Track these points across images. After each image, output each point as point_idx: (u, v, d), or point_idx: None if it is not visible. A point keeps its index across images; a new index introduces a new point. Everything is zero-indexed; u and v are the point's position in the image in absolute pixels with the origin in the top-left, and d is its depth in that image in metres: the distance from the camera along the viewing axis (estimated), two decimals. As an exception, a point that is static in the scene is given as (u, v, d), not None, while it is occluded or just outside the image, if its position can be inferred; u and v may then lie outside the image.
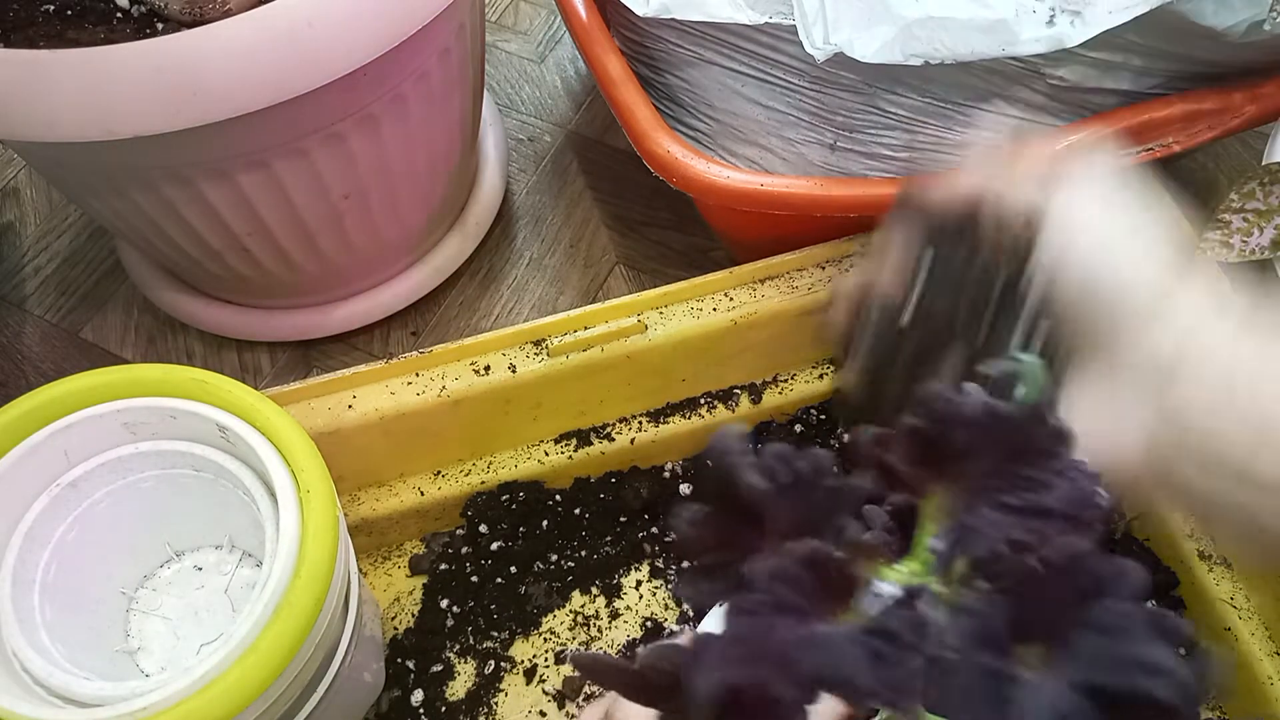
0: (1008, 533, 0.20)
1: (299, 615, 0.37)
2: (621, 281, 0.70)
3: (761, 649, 0.19)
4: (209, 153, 0.48)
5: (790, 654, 0.19)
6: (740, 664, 0.19)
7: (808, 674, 0.18)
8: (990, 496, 0.20)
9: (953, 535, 0.21)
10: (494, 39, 0.82)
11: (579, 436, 0.57)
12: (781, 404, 0.59)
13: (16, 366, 0.67)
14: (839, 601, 0.20)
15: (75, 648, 0.42)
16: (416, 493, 0.56)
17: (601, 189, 0.74)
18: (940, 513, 0.21)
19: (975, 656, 0.19)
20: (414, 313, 0.68)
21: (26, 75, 0.41)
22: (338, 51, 0.44)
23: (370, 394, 0.51)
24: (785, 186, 0.54)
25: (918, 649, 0.18)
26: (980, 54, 0.49)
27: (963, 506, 0.21)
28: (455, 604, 0.56)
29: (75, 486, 0.43)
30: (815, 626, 0.19)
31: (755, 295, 0.55)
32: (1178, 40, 0.51)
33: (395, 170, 0.56)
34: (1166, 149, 0.54)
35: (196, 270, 0.60)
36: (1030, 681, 0.18)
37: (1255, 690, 0.51)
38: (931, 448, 0.21)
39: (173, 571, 0.48)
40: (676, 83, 0.60)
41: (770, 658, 0.19)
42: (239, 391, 0.42)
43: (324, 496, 0.40)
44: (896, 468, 0.22)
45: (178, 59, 0.42)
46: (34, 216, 0.74)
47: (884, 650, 0.18)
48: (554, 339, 0.53)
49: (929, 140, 0.55)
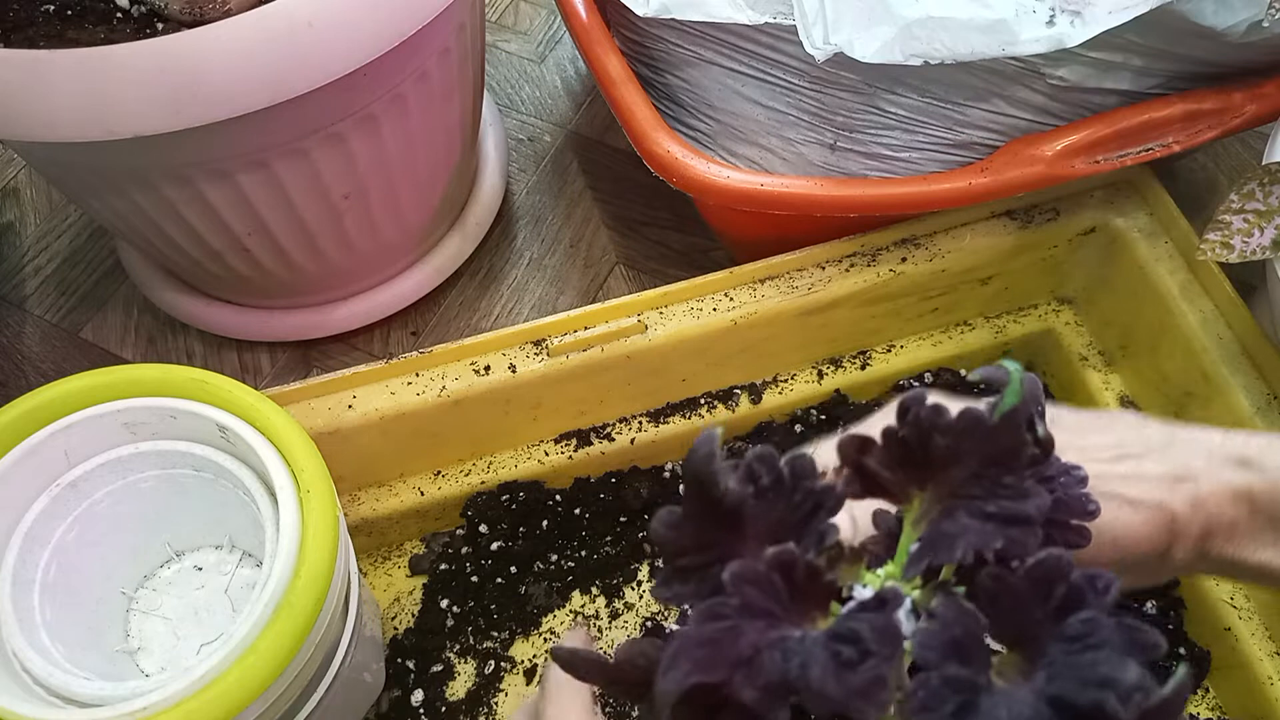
0: (986, 540, 0.20)
1: (299, 615, 0.37)
2: (621, 281, 0.70)
3: (728, 652, 0.19)
4: (209, 153, 0.48)
5: (754, 658, 0.19)
6: (706, 665, 0.19)
7: (770, 678, 0.18)
8: (969, 504, 0.20)
9: (929, 541, 0.21)
10: (494, 39, 0.82)
11: (579, 436, 0.57)
12: (781, 404, 0.59)
13: (16, 366, 0.67)
14: (815, 606, 0.20)
15: (75, 648, 0.42)
16: (416, 493, 0.56)
17: (601, 189, 0.74)
18: (922, 519, 0.21)
19: (945, 665, 0.18)
20: (414, 313, 0.68)
21: (26, 75, 0.41)
22: (338, 51, 0.44)
23: (370, 394, 0.51)
24: (785, 186, 0.54)
25: (884, 655, 0.18)
26: (980, 54, 0.49)
27: (941, 513, 0.21)
28: (455, 604, 0.55)
29: (75, 486, 0.43)
30: (784, 630, 0.19)
31: (755, 295, 0.55)
32: (1178, 40, 0.51)
33: (395, 170, 0.56)
34: (1166, 149, 0.54)
35: (196, 270, 0.60)
36: (999, 691, 0.18)
37: (1255, 690, 0.51)
38: (912, 454, 0.21)
39: (173, 571, 0.48)
40: (676, 83, 0.60)
41: (735, 660, 0.19)
42: (239, 391, 0.42)
43: (324, 496, 0.40)
44: (878, 473, 0.22)
45: (178, 59, 0.42)
46: (34, 216, 0.74)
47: (849, 656, 0.18)
48: (554, 339, 0.53)
49: (929, 140, 0.55)
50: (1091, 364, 0.60)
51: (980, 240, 0.57)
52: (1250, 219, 0.48)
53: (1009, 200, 0.58)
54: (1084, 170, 0.54)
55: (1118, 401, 0.59)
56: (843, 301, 0.56)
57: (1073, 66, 0.51)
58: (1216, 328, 0.54)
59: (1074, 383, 0.61)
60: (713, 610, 0.19)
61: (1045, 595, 0.19)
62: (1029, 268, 0.59)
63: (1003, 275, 0.59)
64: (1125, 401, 0.59)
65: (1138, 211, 0.58)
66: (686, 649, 0.19)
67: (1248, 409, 0.51)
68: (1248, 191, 0.48)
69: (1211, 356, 0.53)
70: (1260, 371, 0.52)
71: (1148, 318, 0.57)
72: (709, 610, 0.19)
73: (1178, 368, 0.55)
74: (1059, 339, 0.61)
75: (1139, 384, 0.59)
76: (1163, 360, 0.56)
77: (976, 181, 0.54)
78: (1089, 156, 0.54)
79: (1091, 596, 0.19)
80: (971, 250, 0.57)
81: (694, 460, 0.21)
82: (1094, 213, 0.58)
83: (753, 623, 0.19)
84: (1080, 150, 0.53)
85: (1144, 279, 0.57)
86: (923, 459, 0.21)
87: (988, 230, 0.57)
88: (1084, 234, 0.58)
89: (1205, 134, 0.54)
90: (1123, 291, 0.58)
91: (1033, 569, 0.19)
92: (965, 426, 0.21)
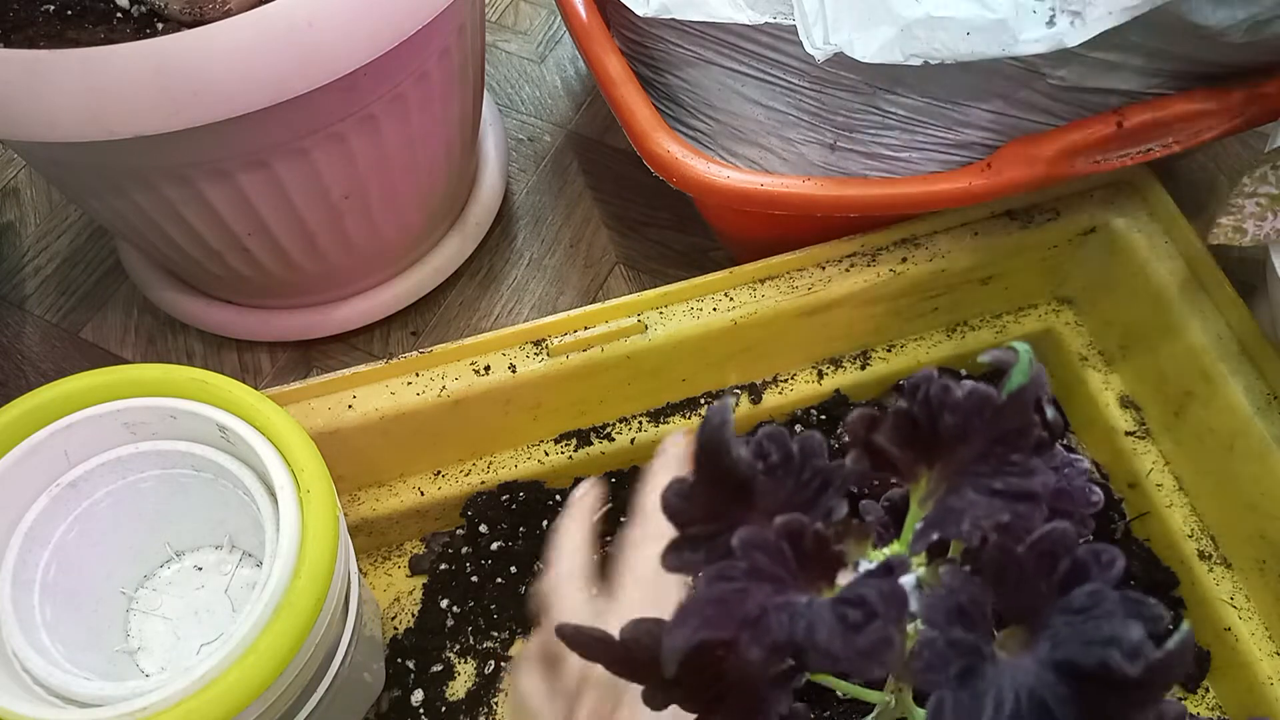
0: (992, 515, 0.20)
1: (299, 615, 0.37)
2: (621, 281, 0.70)
3: (735, 611, 0.19)
4: (209, 153, 0.48)
5: (762, 617, 0.19)
6: (713, 623, 0.19)
7: (778, 637, 0.18)
8: (976, 481, 0.20)
9: (935, 517, 0.21)
10: (494, 39, 0.82)
11: (579, 436, 0.57)
12: (781, 404, 0.59)
13: (16, 366, 0.67)
14: (821, 576, 0.20)
15: (75, 648, 0.42)
16: (416, 493, 0.56)
17: (601, 189, 0.74)
18: (929, 497, 0.21)
19: (949, 630, 0.19)
20: (414, 313, 0.68)
21: (26, 75, 0.41)
22: (338, 51, 0.44)
23: (370, 394, 0.51)
24: (785, 186, 0.54)
25: (890, 617, 0.18)
26: (980, 54, 0.49)
27: (948, 489, 0.21)
28: (455, 604, 0.55)
29: (75, 486, 0.43)
30: (790, 595, 0.19)
31: (755, 295, 0.55)
32: (1178, 40, 0.51)
33: (395, 170, 0.56)
34: (1166, 149, 0.54)
35: (196, 270, 0.60)
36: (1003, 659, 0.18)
37: (1255, 690, 0.51)
38: (920, 431, 0.21)
39: (173, 571, 0.48)
40: (676, 83, 0.60)
41: (743, 620, 0.19)
42: (239, 391, 0.42)
43: (324, 496, 0.40)
44: (885, 450, 0.22)
45: (178, 59, 0.42)
46: (34, 216, 0.74)
47: (855, 618, 0.18)
48: (554, 339, 0.53)
49: (929, 140, 0.55)
50: (1091, 364, 0.60)
51: (980, 240, 0.57)
52: (1263, 202, 0.48)
53: (1009, 200, 0.58)
54: (1084, 170, 0.54)
55: (1118, 401, 0.59)
56: (843, 301, 0.56)
57: (1073, 66, 0.51)
58: (1216, 328, 0.54)
59: (1074, 383, 0.61)
60: (722, 572, 0.19)
61: (1050, 569, 0.19)
62: (1029, 268, 0.60)
63: (1003, 275, 0.59)
64: (1125, 401, 0.59)
65: (1138, 211, 0.58)
66: (695, 607, 0.19)
67: (1248, 409, 0.51)
68: (1260, 175, 0.48)
69: (1211, 356, 0.53)
70: (1260, 371, 0.52)
71: (1148, 318, 0.57)
72: (718, 572, 0.19)
73: (1178, 368, 0.55)
74: (1059, 339, 0.61)
75: (1139, 384, 0.59)
76: (1163, 360, 0.56)
77: (976, 181, 0.54)
78: (1089, 156, 0.54)
79: (1096, 570, 0.19)
80: (971, 250, 0.57)
81: (707, 429, 0.21)
82: (1094, 213, 0.58)
83: (760, 586, 0.19)
84: (1080, 150, 0.53)
85: (1144, 279, 0.57)
86: (931, 437, 0.21)
87: (988, 230, 0.57)
88: (1084, 234, 0.58)
89: (1205, 134, 0.54)
90: (1123, 291, 0.58)
91: (1037, 542, 0.19)
92: (973, 405, 0.21)
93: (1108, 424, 0.59)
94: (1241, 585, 0.53)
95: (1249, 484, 0.52)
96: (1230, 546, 0.54)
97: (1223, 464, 0.53)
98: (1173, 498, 0.56)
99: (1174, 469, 0.57)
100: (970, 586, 0.19)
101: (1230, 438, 0.52)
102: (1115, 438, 0.58)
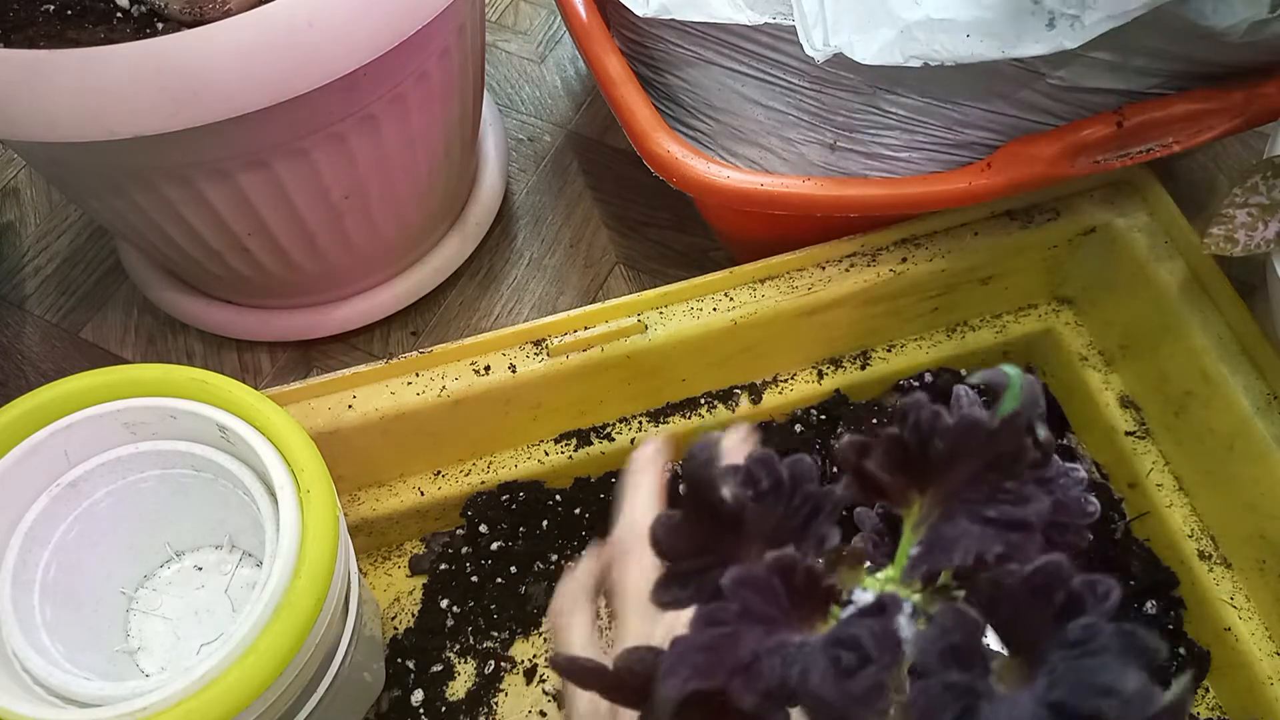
0: (985, 545, 0.20)
1: (299, 615, 0.37)
2: (621, 281, 0.70)
3: (727, 659, 0.19)
4: (209, 153, 0.48)
5: (754, 663, 0.19)
6: (705, 672, 0.19)
7: (770, 684, 0.18)
8: (969, 508, 0.20)
9: (928, 545, 0.21)
10: (494, 39, 0.82)
11: (579, 436, 0.57)
12: (781, 404, 0.59)
13: (16, 366, 0.67)
14: (814, 611, 0.20)
15: (75, 648, 0.42)
16: (416, 493, 0.56)
17: (601, 189, 0.74)
18: (922, 523, 0.21)
19: (944, 671, 0.18)
20: (414, 313, 0.68)
21: (26, 75, 0.41)
22: (338, 51, 0.44)
23: (370, 394, 0.51)
24: (785, 186, 0.54)
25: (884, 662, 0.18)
26: (980, 56, 0.49)
27: (941, 515, 0.21)
28: (455, 604, 0.55)
29: (75, 486, 0.43)
30: (783, 635, 0.19)
31: (755, 295, 0.55)
32: (1178, 40, 0.51)
33: (395, 170, 0.56)
34: (1166, 149, 0.54)
35: (196, 270, 0.60)
36: (999, 698, 0.18)
37: (1255, 690, 0.51)
38: (911, 457, 0.21)
39: (173, 571, 0.48)
40: (676, 83, 0.60)
41: (735, 666, 0.19)
42: (239, 391, 0.42)
43: (324, 496, 0.40)
44: (877, 476, 0.22)
45: (178, 59, 0.42)
46: (34, 216, 0.74)
47: (849, 661, 0.18)
48: (554, 339, 0.53)
49: (929, 140, 0.55)
50: (1091, 364, 0.60)
51: (980, 240, 0.57)
52: (1254, 213, 0.48)
53: (1009, 200, 0.58)
54: (1084, 170, 0.54)
55: (1118, 401, 0.59)
56: (843, 301, 0.56)
57: (1073, 67, 0.51)
58: (1216, 328, 0.54)
59: (1074, 383, 0.61)
60: (712, 615, 0.19)
61: (1045, 601, 0.19)
62: (1029, 268, 0.60)
63: (1003, 275, 0.59)
64: (1125, 401, 0.59)
65: (1138, 211, 0.58)
66: (686, 655, 0.19)
67: (1248, 409, 0.51)
68: (1251, 185, 0.48)
69: (1211, 356, 0.53)
70: (1260, 371, 0.52)
71: (1148, 318, 0.57)
72: (708, 615, 0.19)
73: (1178, 368, 0.55)
74: (1059, 339, 0.61)
75: (1139, 384, 0.59)
76: (1163, 360, 0.56)
77: (976, 181, 0.54)
78: (1089, 156, 0.54)
79: (1091, 602, 0.19)
80: (971, 250, 0.57)
81: (692, 466, 0.20)
82: (1094, 213, 0.58)
83: (752, 628, 0.19)
84: (1080, 150, 0.53)
85: (1144, 279, 0.57)
86: (922, 463, 0.21)
87: (988, 230, 0.57)
88: (1084, 234, 0.58)
89: (1205, 134, 0.54)
90: (1123, 291, 0.58)
91: (1033, 575, 0.19)
92: (964, 430, 0.21)
93: (1108, 424, 0.59)
94: (1241, 585, 0.53)
95: (1249, 484, 0.52)
96: (1230, 546, 0.54)
97: (1223, 464, 0.53)
98: (1173, 498, 0.56)
99: (1174, 469, 0.57)
100: (965, 624, 0.19)
101: (1230, 438, 0.53)
102: (1115, 438, 0.58)
